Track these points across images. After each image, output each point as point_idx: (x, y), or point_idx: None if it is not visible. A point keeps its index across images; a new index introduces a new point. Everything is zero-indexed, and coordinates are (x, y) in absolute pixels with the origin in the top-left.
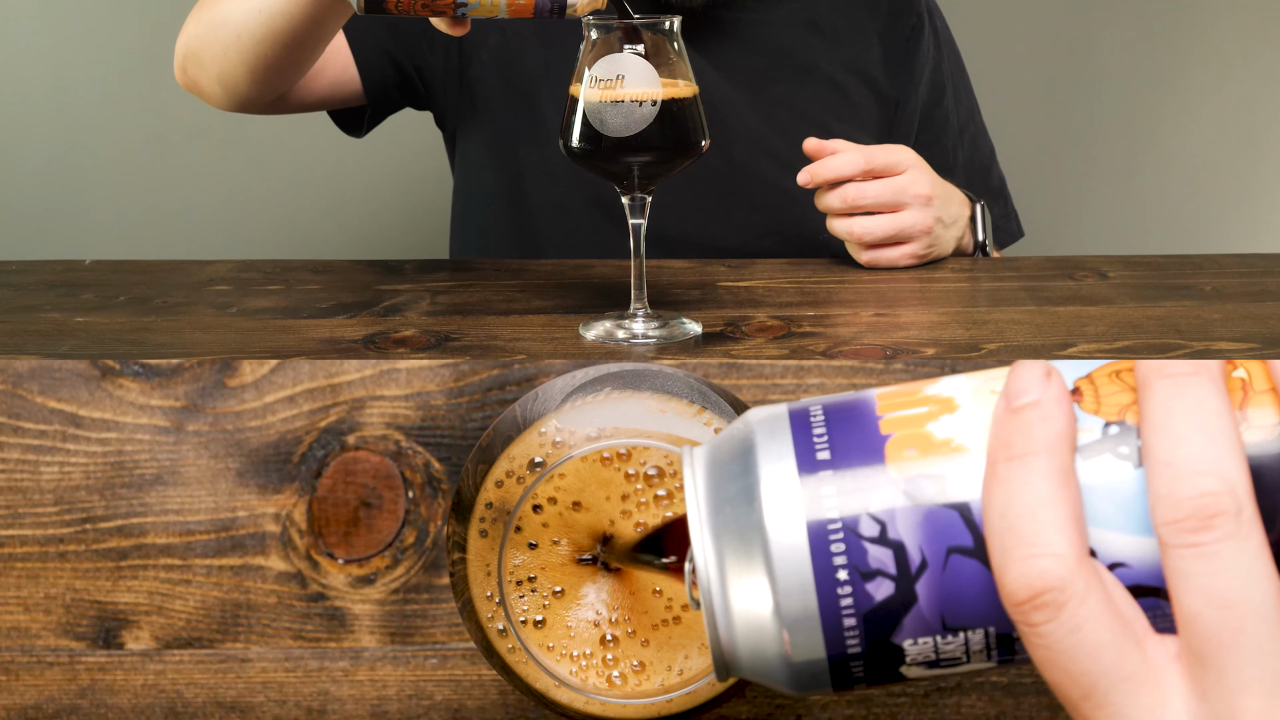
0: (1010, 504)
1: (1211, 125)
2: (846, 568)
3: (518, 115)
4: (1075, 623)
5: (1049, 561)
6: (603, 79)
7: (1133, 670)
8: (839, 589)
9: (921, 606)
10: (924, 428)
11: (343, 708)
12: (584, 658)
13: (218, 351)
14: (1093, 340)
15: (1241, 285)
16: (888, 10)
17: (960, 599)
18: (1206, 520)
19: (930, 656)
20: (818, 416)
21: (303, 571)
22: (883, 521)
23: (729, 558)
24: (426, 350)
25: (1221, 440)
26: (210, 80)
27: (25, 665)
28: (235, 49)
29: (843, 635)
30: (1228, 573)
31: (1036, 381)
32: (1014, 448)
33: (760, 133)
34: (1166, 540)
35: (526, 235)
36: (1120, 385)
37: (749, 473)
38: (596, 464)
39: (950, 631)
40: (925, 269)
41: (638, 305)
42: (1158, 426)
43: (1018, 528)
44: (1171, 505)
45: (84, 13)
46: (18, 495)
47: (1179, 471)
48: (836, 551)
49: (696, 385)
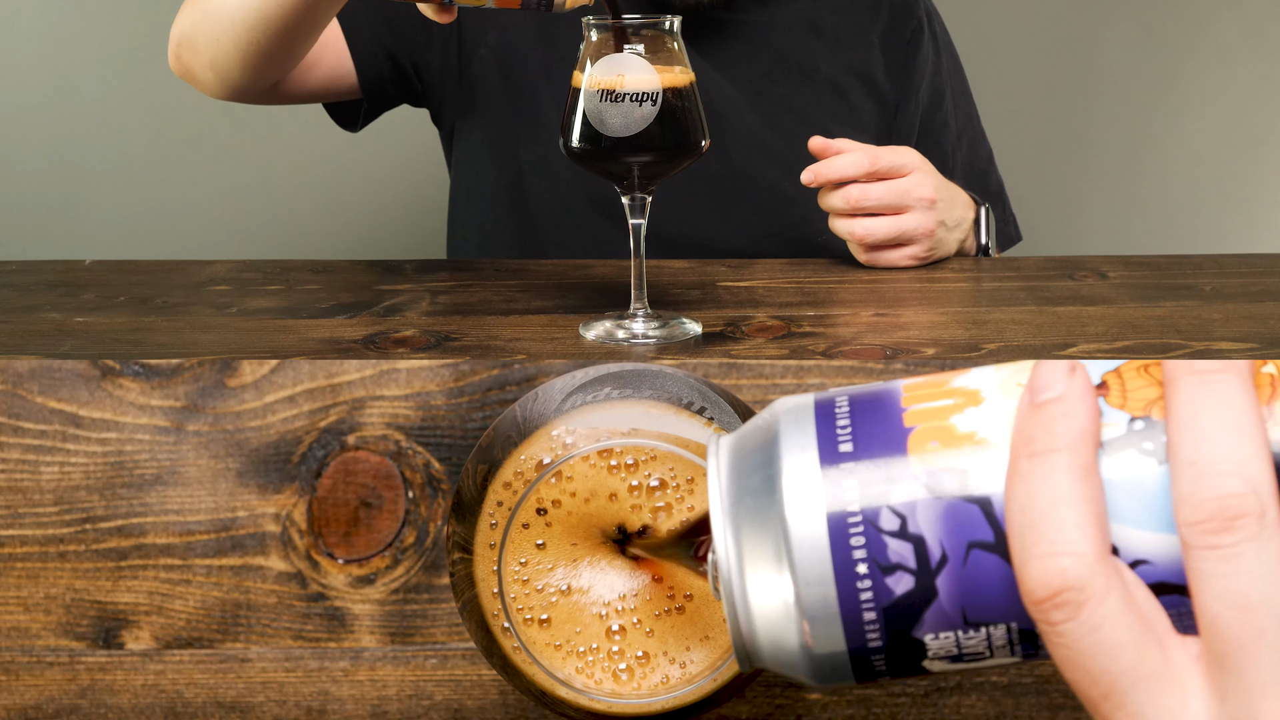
0: (1031, 500)
1: (1211, 125)
2: (866, 561)
3: (518, 114)
4: (1095, 622)
5: (1068, 560)
6: (602, 79)
7: (1153, 670)
8: (859, 582)
9: (942, 601)
10: (948, 420)
11: (343, 708)
12: (590, 652)
13: (218, 351)
14: (1093, 340)
15: (1241, 285)
16: (888, 14)
17: (981, 594)
18: (1229, 522)
19: (953, 651)
20: (843, 408)
21: (303, 571)
22: (903, 515)
23: (750, 548)
24: (426, 350)
25: (1247, 440)
26: (203, 66)
27: (25, 665)
28: (228, 34)
29: (863, 629)
30: (1249, 575)
31: (1061, 377)
32: (1036, 444)
33: (761, 134)
34: (1188, 541)
35: (526, 234)
36: (1148, 380)
37: (771, 463)
38: (603, 467)
39: (972, 626)
40: (925, 269)
41: (638, 305)
42: (1183, 424)
43: (1038, 524)
44: (1194, 506)
45: (84, 13)
46: (18, 495)
47: (1202, 471)
48: (856, 545)
49: (696, 385)
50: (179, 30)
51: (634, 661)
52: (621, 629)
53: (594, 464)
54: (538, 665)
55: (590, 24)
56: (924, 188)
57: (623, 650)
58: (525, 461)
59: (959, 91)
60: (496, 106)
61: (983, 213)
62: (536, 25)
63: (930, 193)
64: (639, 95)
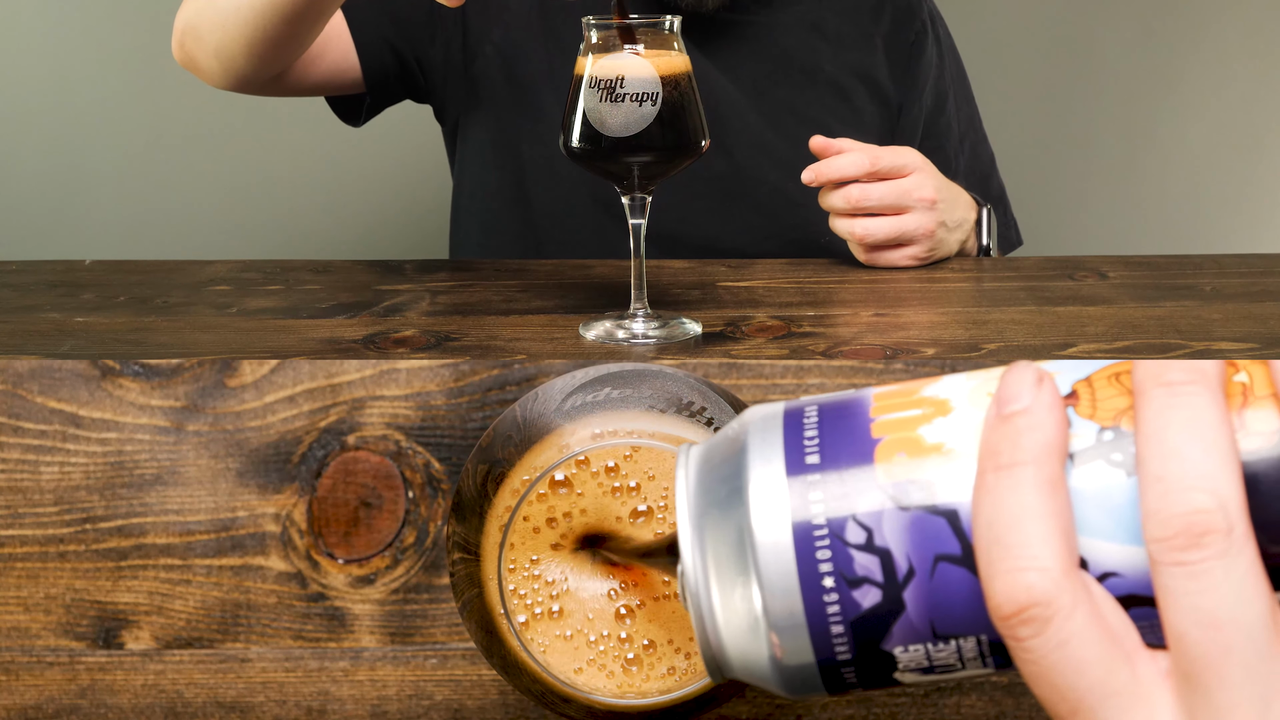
0: (997, 515)
1: (1211, 125)
2: (833, 574)
3: (521, 113)
4: (1061, 638)
5: (1034, 575)
6: (602, 79)
7: (1120, 686)
8: (825, 596)
9: (910, 614)
10: (915, 431)
11: (343, 708)
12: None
13: (218, 351)
14: (1093, 340)
15: (1241, 285)
16: (891, 17)
17: (949, 607)
18: (1196, 539)
19: (923, 664)
20: (811, 418)
21: (303, 571)
22: (869, 528)
23: (717, 559)
24: (426, 350)
25: (1216, 454)
26: (207, 55)
27: (25, 665)
28: (234, 22)
29: (831, 641)
30: (1217, 592)
31: (1028, 387)
32: (1002, 456)
33: (764, 135)
34: (1156, 557)
35: (528, 233)
36: (1118, 389)
37: (738, 475)
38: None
39: (941, 639)
40: (926, 269)
41: (638, 305)
42: (1150, 437)
43: (1004, 539)
44: (1161, 522)
45: (84, 13)
46: (18, 495)
47: (1170, 486)
48: (822, 558)
49: (696, 385)
50: (184, 19)
51: (640, 651)
52: (624, 628)
53: (595, 464)
54: (539, 665)
55: (591, 23)
56: (925, 188)
57: (626, 648)
58: (530, 463)
59: (962, 95)
60: (500, 104)
61: (984, 214)
62: (541, 24)
63: (931, 193)
64: (639, 95)
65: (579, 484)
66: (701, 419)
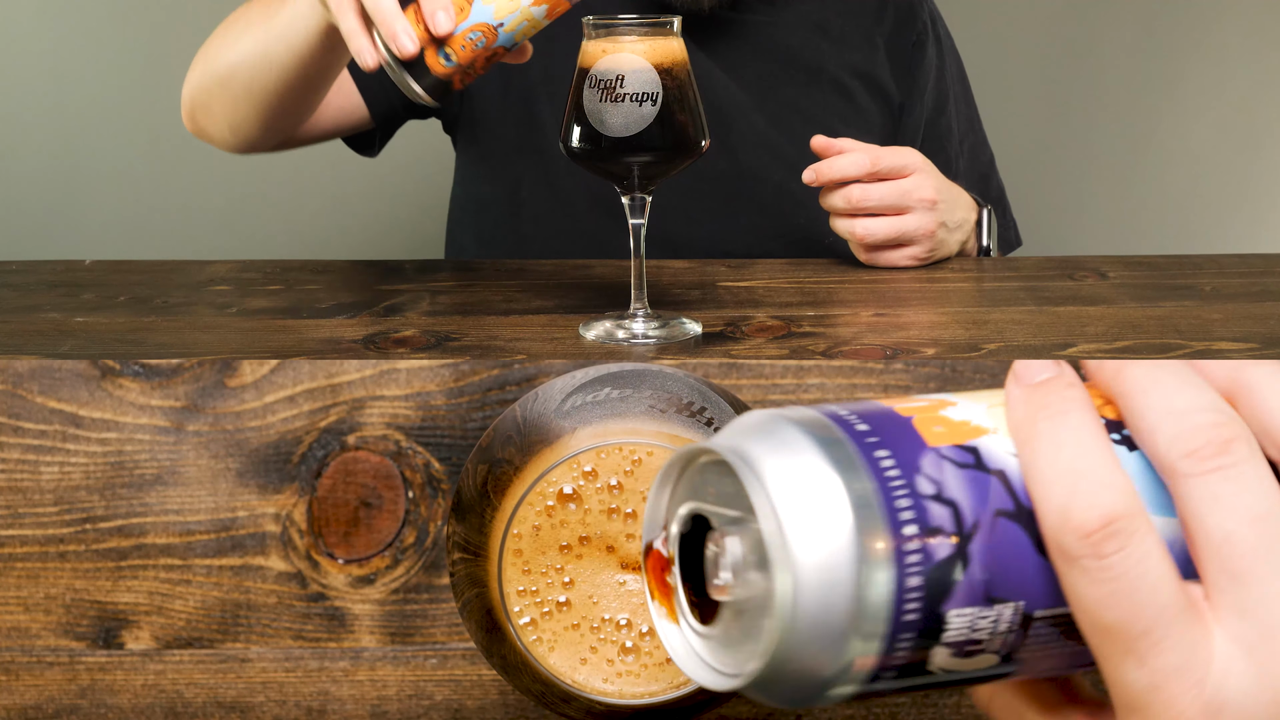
0: (1063, 449)
1: (1211, 125)
2: (915, 522)
3: (517, 124)
4: (1145, 548)
5: (1115, 493)
6: (602, 78)
7: (1187, 603)
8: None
9: (974, 570)
10: (940, 413)
11: (343, 708)
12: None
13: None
14: (1093, 340)
15: (1241, 285)
16: (893, 18)
17: (1005, 565)
18: (1224, 445)
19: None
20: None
21: (303, 571)
22: (937, 481)
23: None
24: (426, 350)
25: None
26: (221, 129)
27: (25, 665)
28: (245, 100)
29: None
30: (1256, 489)
31: (1048, 364)
32: (1052, 406)
33: (767, 135)
34: (1188, 471)
35: (524, 244)
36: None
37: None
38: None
39: (989, 604)
40: (926, 269)
41: (638, 305)
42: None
43: (1076, 466)
44: (1185, 439)
45: (84, 13)
46: (18, 495)
47: (1185, 412)
48: (903, 506)
49: (696, 385)
50: (192, 96)
51: (641, 650)
52: (625, 627)
53: (597, 465)
54: (539, 664)
55: (590, 23)
56: (925, 189)
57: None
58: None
59: (962, 97)
60: (495, 116)
61: (985, 214)
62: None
63: (931, 194)
64: (639, 95)
65: (581, 485)
66: (701, 419)
